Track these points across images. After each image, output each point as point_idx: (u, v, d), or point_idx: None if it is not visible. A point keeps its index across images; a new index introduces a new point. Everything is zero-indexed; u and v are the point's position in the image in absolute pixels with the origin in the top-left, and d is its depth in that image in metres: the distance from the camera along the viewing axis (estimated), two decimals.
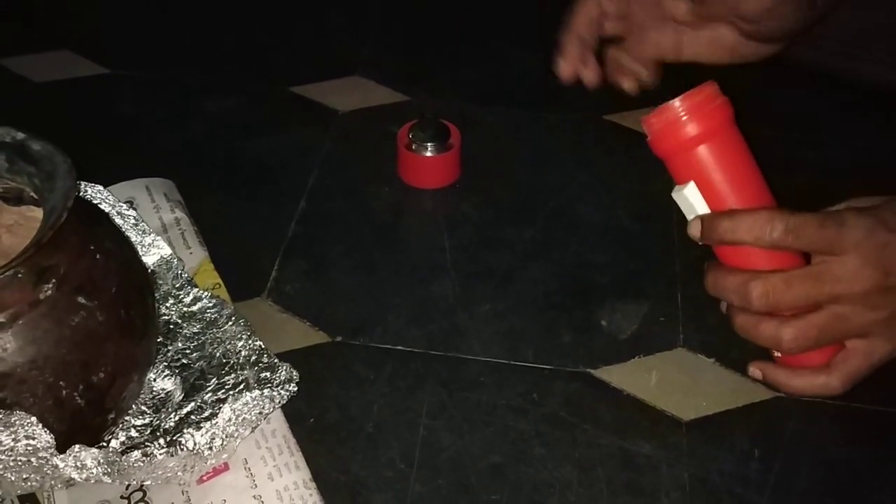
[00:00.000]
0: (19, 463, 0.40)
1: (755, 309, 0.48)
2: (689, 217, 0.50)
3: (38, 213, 0.46)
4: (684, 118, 0.47)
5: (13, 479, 0.41)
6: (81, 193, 0.56)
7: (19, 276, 0.39)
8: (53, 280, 0.40)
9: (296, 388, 0.47)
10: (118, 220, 0.55)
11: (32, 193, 0.43)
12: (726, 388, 0.52)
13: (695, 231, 0.49)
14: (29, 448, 0.40)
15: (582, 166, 0.67)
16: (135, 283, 0.45)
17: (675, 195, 0.50)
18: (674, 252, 0.60)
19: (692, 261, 0.59)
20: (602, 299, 0.57)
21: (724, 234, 0.47)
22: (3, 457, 0.40)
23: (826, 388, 0.49)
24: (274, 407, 0.46)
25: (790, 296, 0.47)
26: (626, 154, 0.68)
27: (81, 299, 0.41)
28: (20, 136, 0.43)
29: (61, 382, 0.40)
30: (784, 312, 0.48)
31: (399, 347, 0.54)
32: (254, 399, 0.45)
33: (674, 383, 0.52)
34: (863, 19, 0.68)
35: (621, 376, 0.52)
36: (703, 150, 0.47)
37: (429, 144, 0.63)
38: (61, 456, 0.40)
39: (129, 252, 0.46)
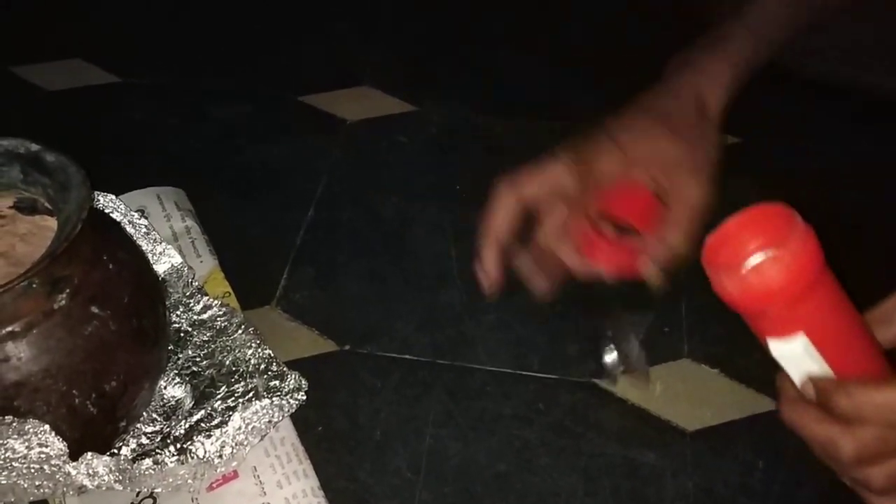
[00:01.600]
0: (32, 470, 0.41)
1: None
2: (796, 376, 0.39)
3: (51, 222, 0.46)
4: (800, 258, 0.36)
5: (26, 486, 0.42)
6: (94, 203, 0.56)
7: (34, 286, 0.39)
8: (67, 290, 0.41)
9: (304, 397, 0.48)
10: (130, 229, 0.56)
11: (46, 204, 0.44)
12: (731, 399, 0.52)
13: (809, 392, 0.39)
14: (42, 455, 0.40)
15: None
16: (146, 293, 0.45)
17: (777, 352, 0.38)
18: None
19: (696, 270, 0.59)
20: (608, 309, 0.57)
21: (846, 411, 0.38)
22: (17, 464, 0.40)
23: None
24: (283, 416, 0.47)
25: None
26: None
27: (95, 309, 0.41)
28: (34, 147, 0.44)
29: (74, 391, 0.41)
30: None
31: (406, 356, 0.54)
32: (263, 408, 0.46)
33: (678, 393, 0.52)
34: (862, 30, 0.69)
35: (626, 386, 0.53)
36: (818, 296, 0.37)
37: None
38: (73, 463, 0.41)
39: (140, 261, 0.47)
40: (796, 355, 0.38)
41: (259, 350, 0.51)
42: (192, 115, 0.72)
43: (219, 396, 0.50)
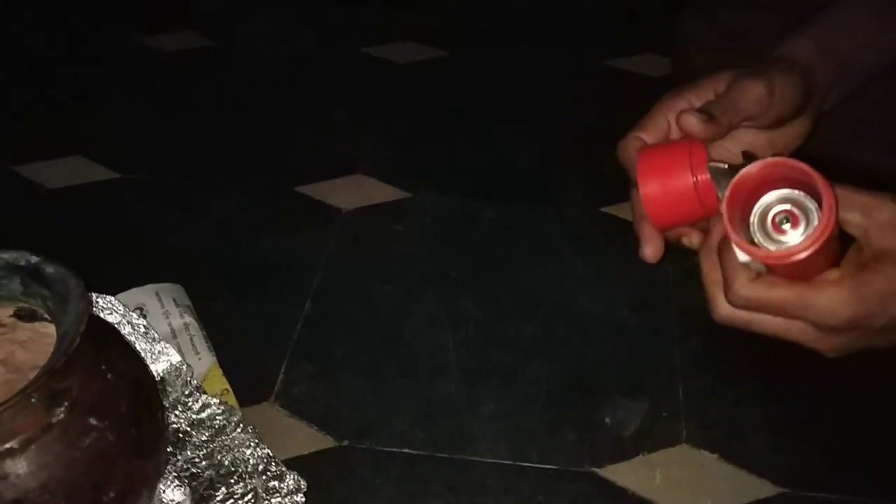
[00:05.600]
0: None
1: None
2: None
3: (50, 328, 0.47)
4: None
5: None
6: (93, 306, 0.57)
7: (32, 400, 0.40)
8: (66, 403, 0.41)
9: (303, 499, 0.48)
10: (128, 329, 0.57)
11: (46, 315, 0.45)
12: (731, 485, 0.52)
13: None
14: None
15: (580, 259, 0.68)
16: (144, 400, 0.46)
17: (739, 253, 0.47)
18: (673, 344, 0.61)
19: (692, 353, 0.60)
20: (605, 395, 0.57)
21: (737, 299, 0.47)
22: None
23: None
24: None
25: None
26: (623, 245, 0.69)
27: (93, 420, 0.42)
28: (34, 259, 0.45)
29: None
30: None
31: (405, 450, 0.54)
32: None
33: (678, 481, 0.52)
34: (854, 110, 0.70)
35: (626, 475, 0.53)
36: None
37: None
38: None
39: (138, 368, 0.47)
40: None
41: (258, 449, 0.51)
42: (190, 210, 0.74)
43: (218, 499, 0.50)
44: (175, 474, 0.51)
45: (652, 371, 0.59)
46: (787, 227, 0.45)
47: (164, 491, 0.50)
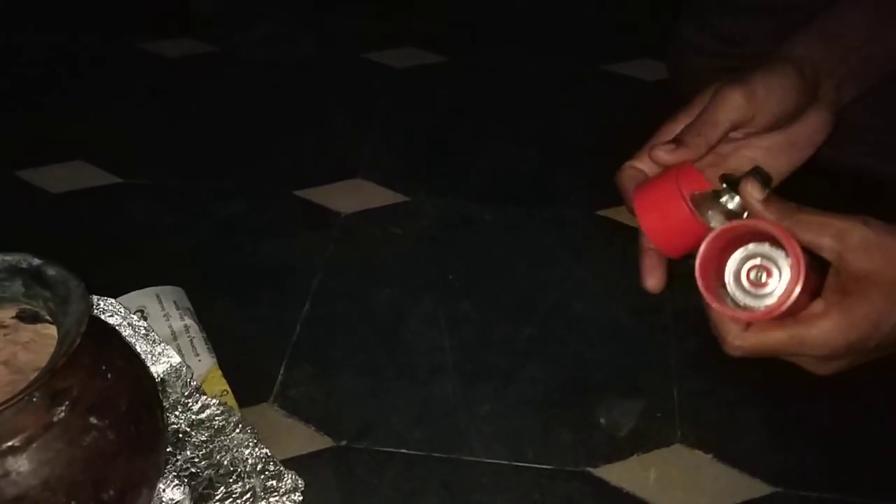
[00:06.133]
0: None
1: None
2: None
3: (52, 329, 0.48)
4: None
5: None
6: (94, 307, 0.58)
7: (34, 399, 0.41)
8: (67, 402, 0.42)
9: (301, 497, 0.48)
10: (129, 331, 0.57)
11: (47, 317, 0.46)
12: (725, 485, 0.52)
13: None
14: None
15: (578, 262, 0.69)
16: (144, 399, 0.46)
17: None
18: (669, 346, 0.61)
19: (687, 354, 0.61)
20: (600, 396, 0.58)
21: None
22: None
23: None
24: None
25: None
26: (620, 248, 0.70)
27: (93, 419, 0.42)
28: (36, 261, 0.45)
29: (73, 502, 0.41)
30: None
31: (402, 450, 0.55)
32: None
33: (672, 480, 0.53)
34: (853, 114, 0.70)
35: (620, 474, 0.53)
36: None
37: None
38: None
39: (138, 368, 0.48)
40: None
41: (256, 449, 0.52)
42: (190, 214, 0.75)
43: (217, 498, 0.50)
44: (175, 474, 0.52)
45: (647, 372, 0.60)
46: (763, 278, 0.48)
47: (163, 490, 0.51)
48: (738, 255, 0.49)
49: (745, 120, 0.56)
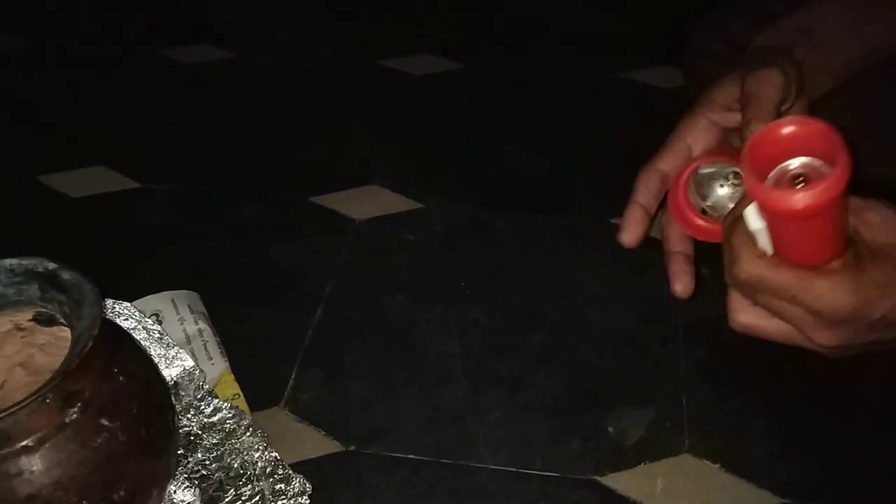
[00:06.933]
0: None
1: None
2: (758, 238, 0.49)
3: (67, 332, 0.49)
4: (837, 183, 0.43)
5: None
6: (109, 310, 0.59)
7: (47, 400, 0.41)
8: (79, 403, 0.42)
9: (308, 501, 0.49)
10: (143, 335, 0.58)
11: (62, 320, 0.46)
12: (732, 495, 0.52)
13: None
14: None
15: (590, 270, 0.69)
16: (155, 402, 0.47)
17: (751, 218, 0.49)
18: (679, 356, 0.61)
19: (697, 365, 0.61)
20: (609, 405, 0.58)
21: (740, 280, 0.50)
22: None
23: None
24: None
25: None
26: (632, 257, 0.69)
27: (105, 421, 0.43)
28: (51, 266, 0.46)
29: (84, 502, 0.42)
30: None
31: (410, 456, 0.55)
32: None
33: (679, 490, 0.53)
34: (855, 120, 0.70)
35: (627, 483, 0.53)
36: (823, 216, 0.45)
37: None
38: None
39: (150, 371, 0.49)
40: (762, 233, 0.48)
41: (265, 453, 0.53)
42: (207, 219, 0.76)
43: (227, 500, 0.51)
44: (186, 476, 0.52)
45: (656, 382, 0.60)
46: (801, 186, 0.45)
47: (174, 492, 0.52)
48: (788, 163, 0.47)
49: (788, 97, 0.57)
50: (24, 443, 0.41)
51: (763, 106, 0.56)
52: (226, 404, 0.56)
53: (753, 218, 0.48)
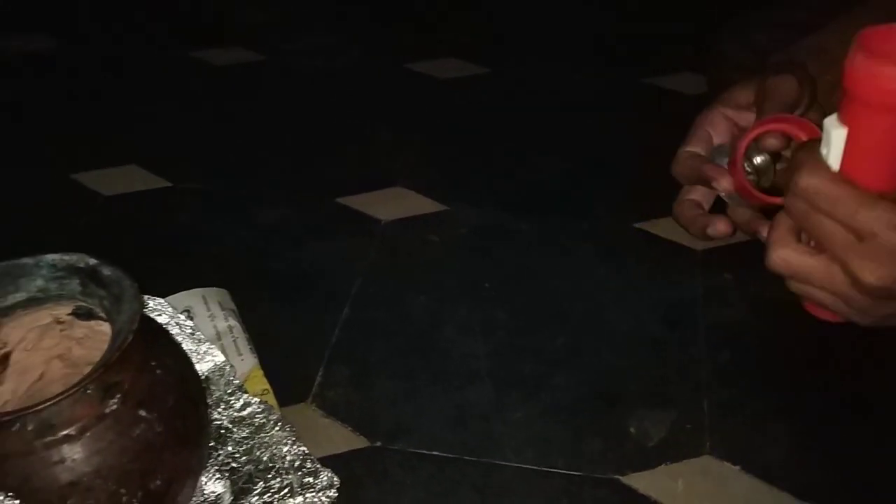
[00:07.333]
0: None
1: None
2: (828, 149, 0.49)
3: (105, 326, 0.50)
4: None
5: None
6: (144, 307, 0.61)
7: (88, 391, 0.43)
8: (118, 395, 0.44)
9: (336, 494, 0.50)
10: (176, 330, 0.60)
11: (101, 314, 0.48)
12: (752, 497, 0.53)
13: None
14: None
15: (612, 273, 0.70)
16: (190, 395, 0.49)
17: (830, 125, 0.49)
18: (701, 358, 0.62)
19: (718, 367, 0.61)
20: (631, 406, 0.59)
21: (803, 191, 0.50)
22: None
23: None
24: None
25: None
26: (655, 260, 0.71)
27: (142, 412, 0.45)
28: (92, 262, 0.48)
29: (122, 490, 0.44)
30: None
31: (435, 452, 0.56)
32: None
33: (700, 491, 0.53)
34: None
35: (649, 483, 0.54)
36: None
37: None
38: None
39: (185, 365, 0.50)
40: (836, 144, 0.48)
41: (294, 447, 0.54)
42: (236, 219, 0.77)
43: (256, 492, 0.52)
44: (216, 468, 0.54)
45: (678, 384, 0.60)
46: None
47: (205, 483, 0.53)
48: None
49: (798, 102, 0.61)
50: (66, 431, 0.42)
51: (776, 103, 0.61)
52: (255, 399, 0.57)
53: (832, 123, 0.49)
